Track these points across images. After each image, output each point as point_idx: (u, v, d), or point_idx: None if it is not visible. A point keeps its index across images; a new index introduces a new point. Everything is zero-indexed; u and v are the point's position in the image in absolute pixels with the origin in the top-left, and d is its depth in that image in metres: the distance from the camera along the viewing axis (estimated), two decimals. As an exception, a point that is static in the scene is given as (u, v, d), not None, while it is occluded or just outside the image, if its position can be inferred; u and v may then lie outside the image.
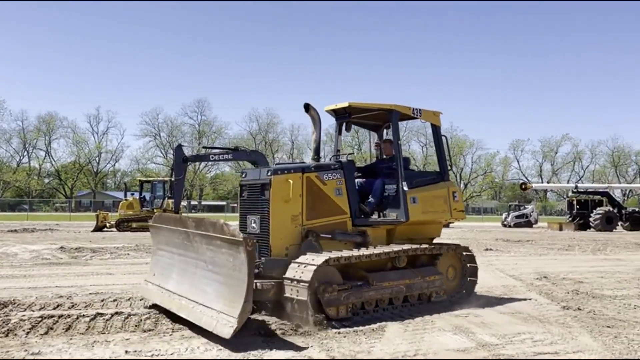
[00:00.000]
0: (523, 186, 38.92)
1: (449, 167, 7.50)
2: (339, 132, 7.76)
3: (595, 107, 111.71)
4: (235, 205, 76.18)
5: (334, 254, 5.80)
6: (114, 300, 6.68)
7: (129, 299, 6.75)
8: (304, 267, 5.51)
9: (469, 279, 7.15)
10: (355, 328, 5.36)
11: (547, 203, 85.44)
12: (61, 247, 14.34)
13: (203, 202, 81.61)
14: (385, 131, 8.14)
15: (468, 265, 7.16)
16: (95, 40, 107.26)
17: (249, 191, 6.44)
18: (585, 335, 5.20)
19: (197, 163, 64.29)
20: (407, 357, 4.49)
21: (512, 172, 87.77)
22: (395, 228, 6.94)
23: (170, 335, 5.08)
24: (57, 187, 78.57)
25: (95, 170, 79.86)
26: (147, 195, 26.61)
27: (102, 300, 6.66)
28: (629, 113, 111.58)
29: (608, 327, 5.58)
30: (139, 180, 28.88)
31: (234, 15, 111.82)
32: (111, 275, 9.38)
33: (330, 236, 6.31)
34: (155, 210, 24.58)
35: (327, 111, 7.40)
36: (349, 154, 7.46)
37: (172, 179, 19.52)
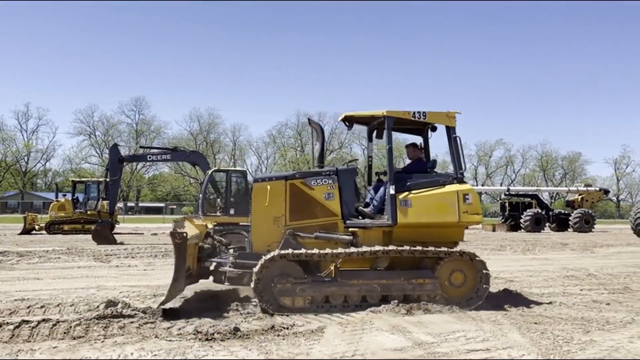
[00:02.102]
0: (459, 189, 40.24)
1: (463, 168, 7.31)
2: (369, 139, 8.09)
3: (526, 114, 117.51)
4: (175, 206, 74.68)
5: (288, 250, 6.36)
6: (42, 307, 6.34)
7: (57, 305, 6.43)
8: (264, 257, 6.27)
9: (483, 286, 6.80)
10: (294, 330, 5.36)
11: (482, 205, 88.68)
12: (-16, 251, 13.50)
13: (140, 204, 79.16)
14: (430, 133, 7.89)
15: (483, 273, 6.87)
16: (25, 33, 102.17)
17: (249, 196, 7.24)
18: (514, 332, 5.42)
19: (134, 163, 62.40)
20: (346, 357, 4.52)
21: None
22: (392, 230, 6.88)
23: (102, 342, 4.87)
24: (-19, 187, 73.97)
25: (23, 169, 75.69)
26: (81, 197, 25.60)
27: (29, 307, 6.31)
28: (557, 120, 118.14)
29: (535, 323, 5.84)
30: (72, 181, 27.69)
31: (174, 12, 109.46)
32: (39, 280, 8.92)
33: (312, 235, 6.72)
34: (89, 212, 23.64)
35: (342, 121, 7.69)
36: (350, 161, 7.77)
37: (108, 179, 18.84)
